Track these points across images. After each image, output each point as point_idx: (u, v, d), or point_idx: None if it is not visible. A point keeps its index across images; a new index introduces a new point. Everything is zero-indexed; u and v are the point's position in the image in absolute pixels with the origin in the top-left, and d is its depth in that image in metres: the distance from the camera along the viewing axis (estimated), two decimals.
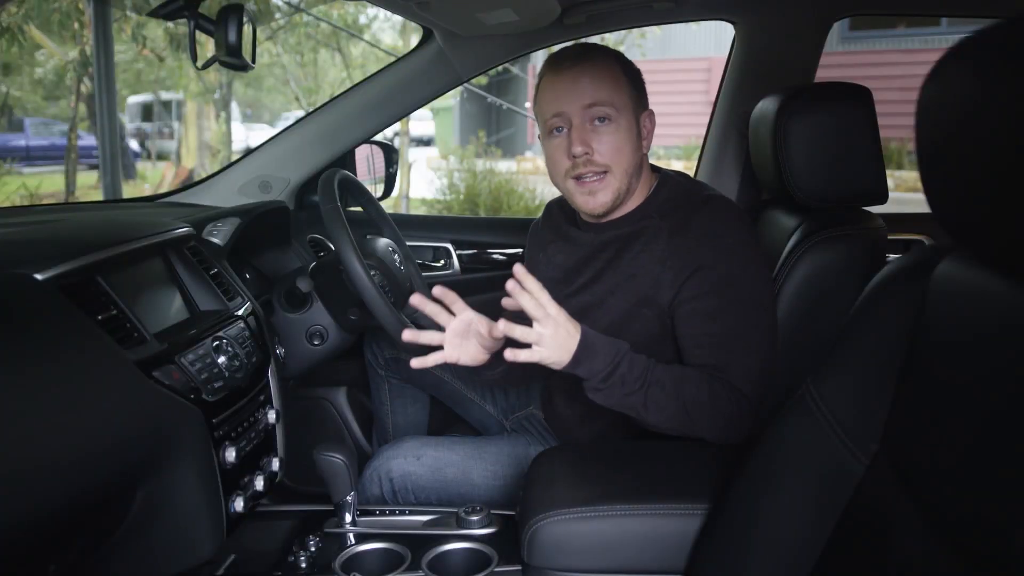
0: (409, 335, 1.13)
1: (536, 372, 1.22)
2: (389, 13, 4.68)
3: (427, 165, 9.20)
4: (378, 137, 1.95)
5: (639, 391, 1.08)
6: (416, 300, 1.13)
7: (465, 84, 2.14)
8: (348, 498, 1.28)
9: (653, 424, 1.11)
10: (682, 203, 1.24)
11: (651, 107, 1.30)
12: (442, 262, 2.02)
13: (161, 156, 12.27)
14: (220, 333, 1.19)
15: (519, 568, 1.06)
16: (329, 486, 1.28)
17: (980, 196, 0.60)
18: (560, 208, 1.41)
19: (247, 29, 1.31)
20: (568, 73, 1.22)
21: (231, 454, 1.12)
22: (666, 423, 1.10)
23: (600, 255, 1.28)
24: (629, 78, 1.26)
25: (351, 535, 1.28)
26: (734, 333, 1.15)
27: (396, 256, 1.60)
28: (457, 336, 1.13)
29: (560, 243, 1.38)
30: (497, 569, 1.16)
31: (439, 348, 1.13)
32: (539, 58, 10.63)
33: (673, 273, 1.18)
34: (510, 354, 1.02)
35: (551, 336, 1.02)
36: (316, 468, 1.26)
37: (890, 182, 1.36)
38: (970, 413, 0.63)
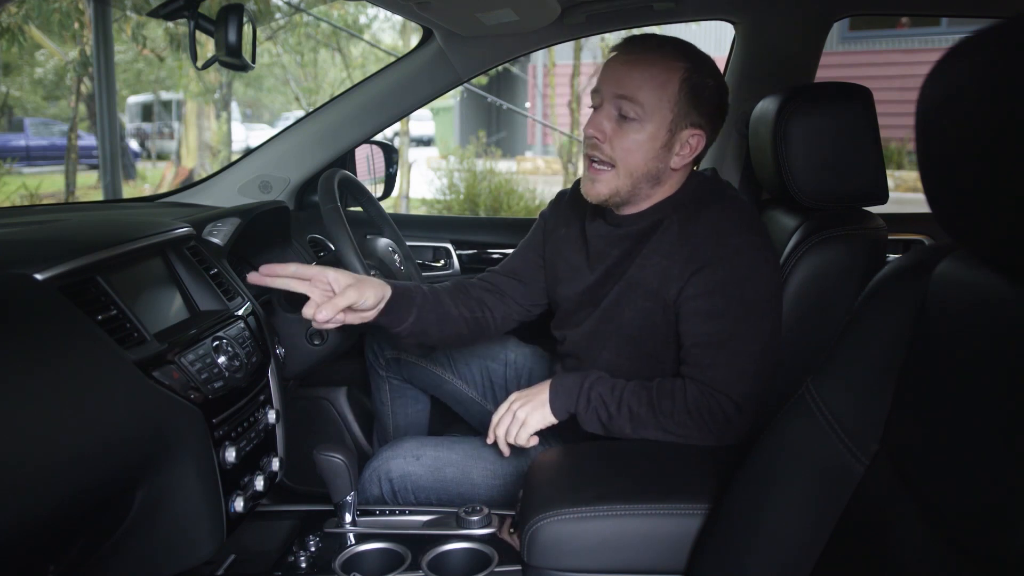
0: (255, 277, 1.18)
1: (457, 335, 1.39)
2: (389, 13, 4.68)
3: (427, 165, 9.20)
4: (378, 137, 1.95)
5: (618, 412, 1.16)
6: (255, 278, 1.18)
7: (465, 84, 2.14)
8: (348, 498, 1.28)
9: (641, 438, 1.17)
10: (696, 199, 1.24)
11: None
12: (442, 262, 2.02)
13: (161, 156, 12.26)
14: (220, 333, 1.19)
15: (519, 568, 1.07)
16: (329, 486, 1.28)
17: (980, 196, 0.60)
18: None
19: (247, 29, 1.31)
20: (624, 59, 1.20)
21: (231, 454, 1.12)
22: (652, 436, 1.16)
23: (618, 246, 1.28)
24: (688, 90, 1.19)
25: (351, 535, 1.28)
26: (731, 335, 1.15)
27: (396, 256, 1.60)
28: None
29: (577, 227, 1.37)
30: (497, 569, 1.16)
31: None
32: (539, 58, 10.64)
33: (679, 268, 1.18)
34: (525, 441, 1.23)
35: (521, 407, 1.22)
36: (316, 468, 1.26)
37: (890, 182, 1.36)
38: (970, 412, 0.63)
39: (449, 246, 2.01)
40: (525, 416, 1.22)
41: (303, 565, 1.21)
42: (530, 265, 1.45)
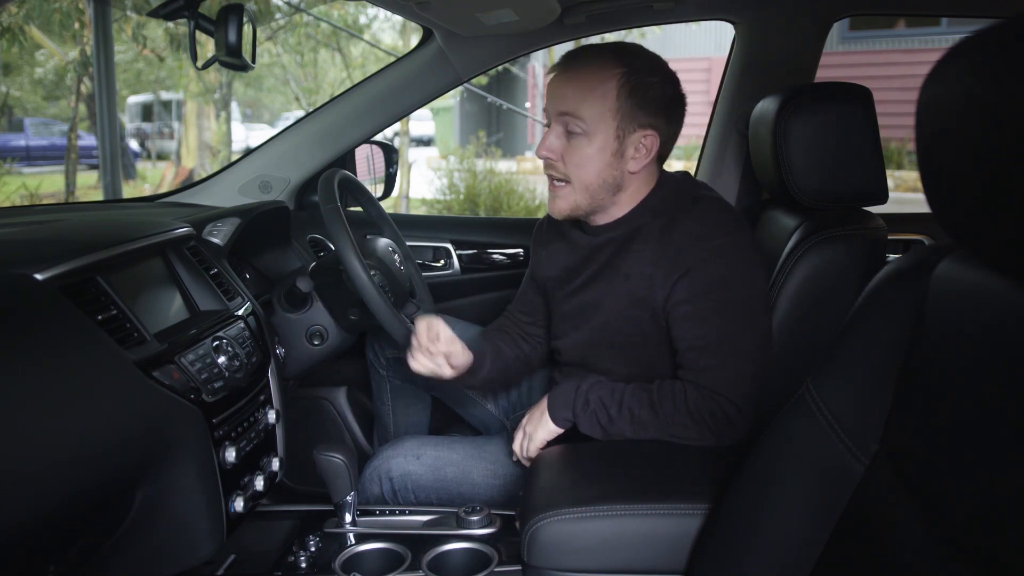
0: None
1: (516, 376, 1.49)
2: (389, 13, 4.68)
3: (427, 165, 9.20)
4: (378, 137, 1.95)
5: (619, 414, 1.17)
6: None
7: (465, 84, 2.14)
8: (348, 498, 1.28)
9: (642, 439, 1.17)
10: (673, 203, 1.24)
11: None
12: (442, 262, 2.02)
13: (161, 156, 12.26)
14: (220, 333, 1.19)
15: (519, 568, 1.07)
16: (329, 486, 1.28)
17: (980, 196, 0.60)
18: None
19: (247, 29, 1.31)
20: (560, 76, 1.22)
21: (231, 454, 1.12)
22: (653, 438, 1.16)
23: (597, 256, 1.29)
24: (628, 94, 1.18)
25: (351, 535, 1.28)
26: (725, 336, 1.15)
27: (396, 256, 1.60)
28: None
29: (561, 243, 1.39)
30: (497, 569, 1.16)
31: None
32: (539, 58, 10.64)
33: (664, 274, 1.19)
34: (527, 462, 1.26)
35: (528, 422, 1.26)
36: (316, 468, 1.26)
37: (890, 182, 1.36)
38: (970, 412, 0.63)
39: (449, 246, 2.01)
40: (532, 430, 1.24)
41: (303, 565, 1.21)
42: (533, 295, 1.48)
